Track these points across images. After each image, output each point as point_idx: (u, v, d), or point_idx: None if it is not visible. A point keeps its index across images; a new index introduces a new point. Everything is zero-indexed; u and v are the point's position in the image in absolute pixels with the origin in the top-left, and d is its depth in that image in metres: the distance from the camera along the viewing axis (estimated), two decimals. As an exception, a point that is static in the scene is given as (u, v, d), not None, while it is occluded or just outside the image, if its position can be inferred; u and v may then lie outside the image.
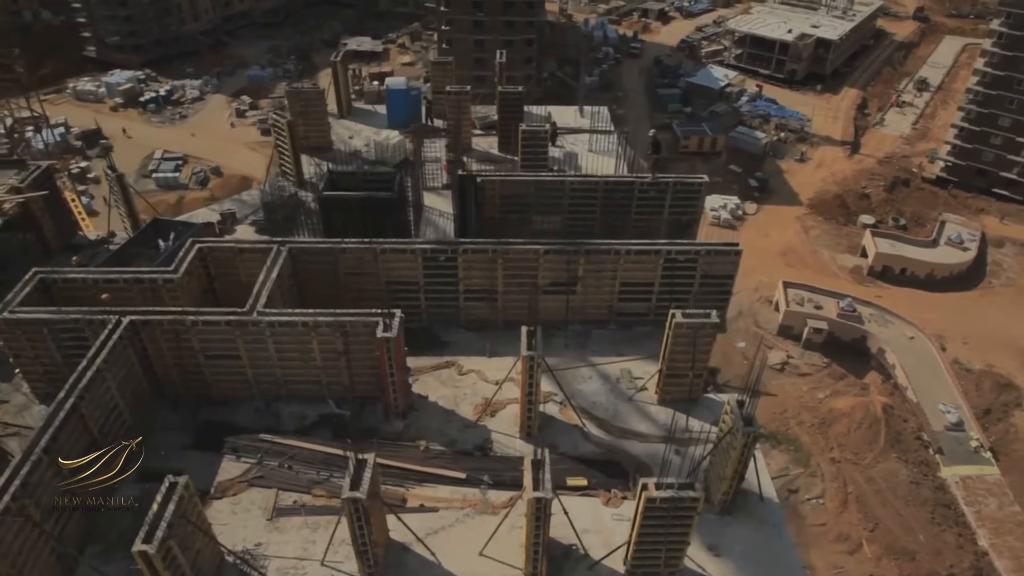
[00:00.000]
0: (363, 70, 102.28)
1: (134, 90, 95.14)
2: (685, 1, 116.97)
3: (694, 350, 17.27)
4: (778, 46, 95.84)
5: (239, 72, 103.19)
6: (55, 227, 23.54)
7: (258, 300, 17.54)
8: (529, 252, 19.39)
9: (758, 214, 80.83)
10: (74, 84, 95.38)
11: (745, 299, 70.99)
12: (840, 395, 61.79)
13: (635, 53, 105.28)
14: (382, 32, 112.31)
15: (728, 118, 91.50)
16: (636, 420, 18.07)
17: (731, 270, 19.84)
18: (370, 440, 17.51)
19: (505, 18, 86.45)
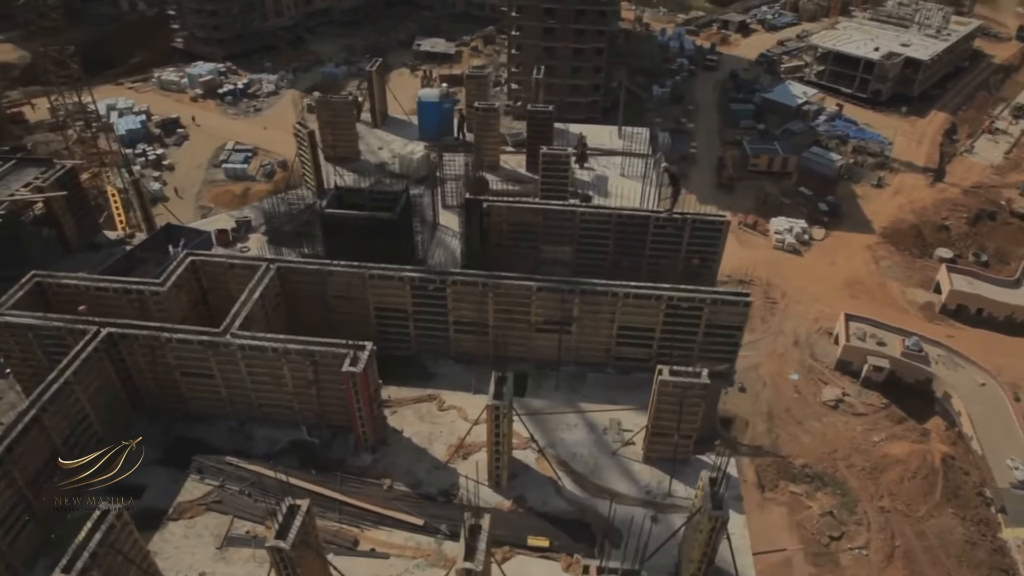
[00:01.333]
0: (434, 72, 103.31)
1: (214, 82, 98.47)
2: (768, 14, 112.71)
3: (681, 410, 15.96)
4: (863, 64, 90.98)
5: (314, 69, 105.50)
6: (76, 226, 24.01)
7: (234, 321, 17.24)
8: (521, 288, 18.45)
9: (825, 240, 77.08)
10: (159, 74, 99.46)
11: (803, 329, 67.77)
12: (897, 440, 58.06)
13: (711, 65, 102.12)
14: (457, 35, 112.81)
15: (803, 137, 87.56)
16: (616, 478, 16.88)
17: (739, 321, 18.37)
18: (334, 473, 17.02)
19: (576, 26, 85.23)
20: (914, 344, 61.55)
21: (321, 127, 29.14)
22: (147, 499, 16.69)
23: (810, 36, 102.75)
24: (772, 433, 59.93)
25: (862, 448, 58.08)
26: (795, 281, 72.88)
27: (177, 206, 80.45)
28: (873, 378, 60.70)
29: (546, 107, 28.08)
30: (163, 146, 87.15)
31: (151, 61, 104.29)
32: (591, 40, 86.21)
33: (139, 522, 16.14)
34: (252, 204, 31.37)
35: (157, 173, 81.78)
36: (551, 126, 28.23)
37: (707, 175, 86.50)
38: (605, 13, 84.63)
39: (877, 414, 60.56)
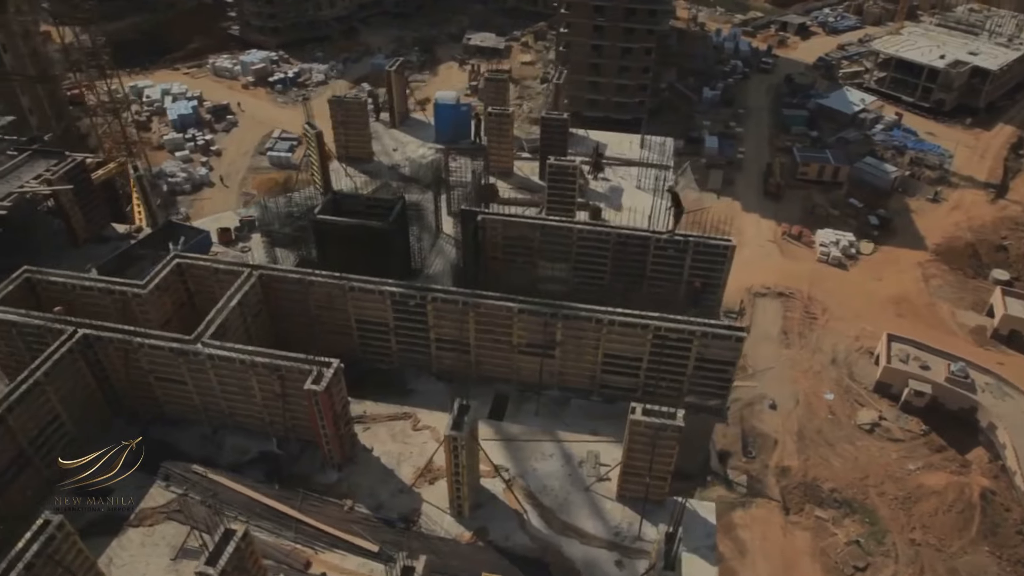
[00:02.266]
0: (481, 66, 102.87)
1: (266, 70, 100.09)
2: (830, 16, 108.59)
3: (653, 451, 15.09)
4: (926, 72, 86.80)
5: (364, 59, 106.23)
6: (84, 219, 24.30)
7: (208, 329, 17.06)
8: (502, 309, 17.79)
9: (874, 255, 74.10)
10: (214, 60, 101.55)
11: (842, 346, 65.30)
12: (934, 470, 55.43)
13: (766, 68, 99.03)
14: (507, 30, 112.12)
15: (857, 146, 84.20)
16: (585, 516, 16.13)
17: (732, 357, 17.34)
18: (297, 489, 16.72)
19: (626, 24, 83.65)
20: (960, 369, 58.61)
21: (334, 127, 28.92)
22: (112, 502, 16.65)
23: (873, 41, 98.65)
24: (802, 454, 57.95)
25: (896, 476, 55.65)
26: (838, 296, 70.25)
27: (221, 192, 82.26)
28: (914, 403, 58.04)
29: (561, 114, 27.22)
30: (212, 132, 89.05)
31: (207, 48, 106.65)
32: (640, 39, 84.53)
33: (102, 525, 16.27)
34: (257, 202, 31.41)
35: (205, 158, 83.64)
36: (566, 134, 27.37)
37: (754, 182, 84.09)
38: (655, 12, 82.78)
39: (915, 441, 57.96)
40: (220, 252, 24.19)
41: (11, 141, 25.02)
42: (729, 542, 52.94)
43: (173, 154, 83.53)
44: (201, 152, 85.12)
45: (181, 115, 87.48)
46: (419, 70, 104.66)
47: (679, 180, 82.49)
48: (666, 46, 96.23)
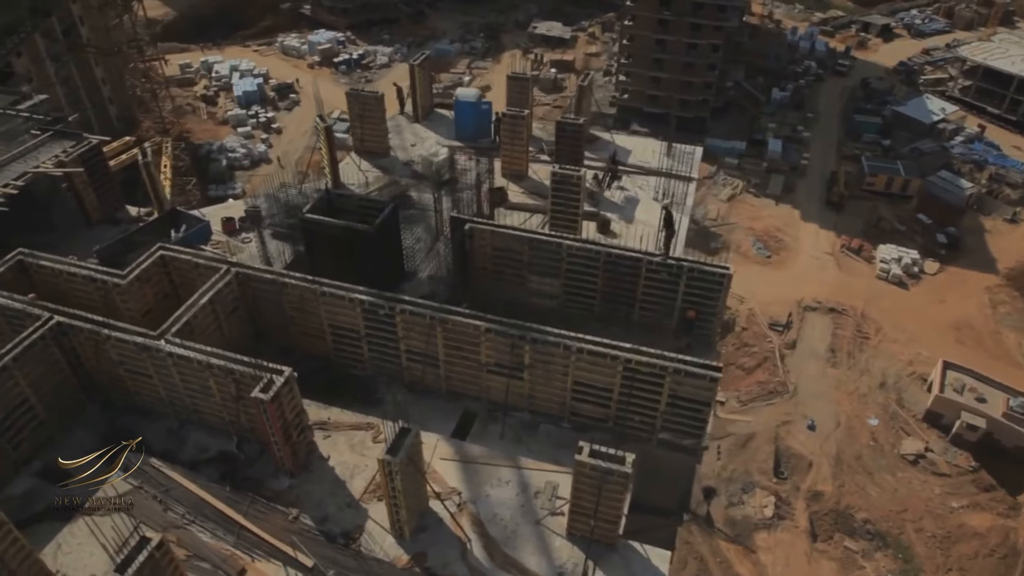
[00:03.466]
0: (545, 56, 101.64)
1: (332, 50, 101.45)
2: (917, 18, 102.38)
3: (599, 494, 14.30)
4: (1016, 83, 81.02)
5: (429, 44, 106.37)
6: (97, 200, 24.85)
7: (173, 325, 17.10)
8: (469, 327, 17.20)
9: (938, 275, 69.98)
10: (283, 39, 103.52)
11: (893, 370, 62.09)
12: (979, 510, 52.18)
13: (842, 71, 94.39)
14: (576, 19, 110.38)
15: (932, 158, 79.46)
16: (530, 551, 15.47)
17: (706, 397, 16.29)
18: (247, 493, 16.63)
19: (693, 19, 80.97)
20: (1021, 405, 54.82)
21: (352, 120, 28.75)
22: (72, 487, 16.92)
23: (960, 47, 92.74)
24: (837, 480, 55.53)
25: (937, 512, 52.67)
26: (894, 317, 66.80)
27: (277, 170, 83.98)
28: (965, 436, 54.67)
29: (576, 119, 26.23)
30: (275, 109, 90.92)
31: (278, 26, 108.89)
32: (707, 35, 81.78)
33: (57, 511, 16.57)
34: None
35: (265, 135, 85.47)
36: (581, 139, 26.39)
37: (816, 190, 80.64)
38: (725, 8, 79.82)
39: (962, 477, 54.69)
40: (222, 242, 24.35)
41: (36, 121, 25.73)
42: (749, 564, 51.25)
43: (235, 130, 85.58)
44: (262, 129, 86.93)
45: (246, 92, 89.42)
46: (482, 57, 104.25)
47: (717, 186, 79.78)
48: (736, 43, 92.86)
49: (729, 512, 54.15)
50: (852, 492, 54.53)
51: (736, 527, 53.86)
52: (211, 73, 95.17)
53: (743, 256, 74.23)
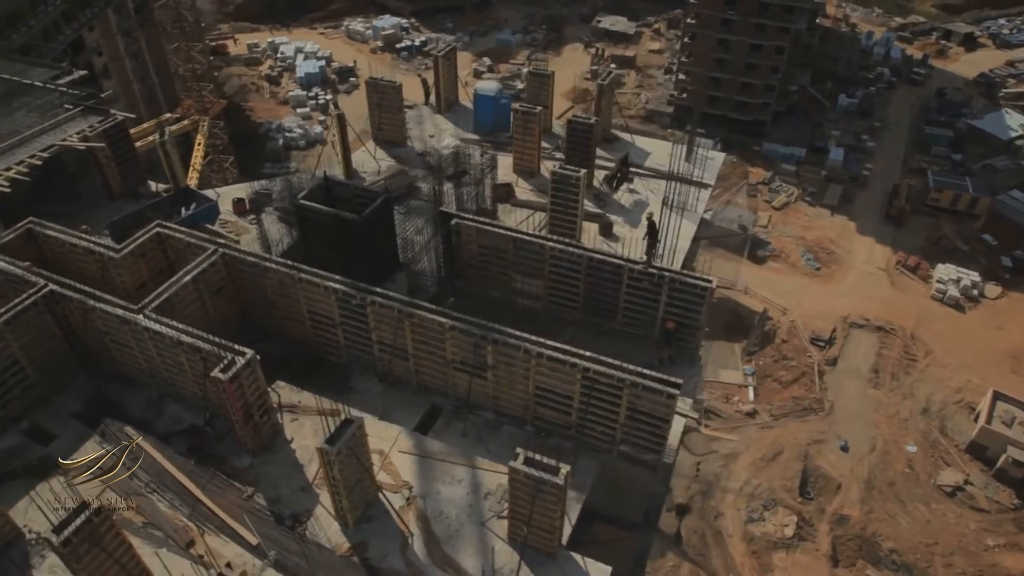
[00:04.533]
0: (606, 51, 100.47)
1: (395, 36, 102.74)
2: (1005, 28, 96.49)
3: (533, 503, 14.19)
4: (1107, 101, 75.88)
5: (491, 34, 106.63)
6: (120, 175, 25.92)
7: (154, 300, 17.74)
8: (434, 323, 17.26)
9: (999, 300, 66.44)
10: (348, 23, 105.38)
11: (939, 396, 59.36)
12: (1017, 551, 49.54)
13: (916, 79, 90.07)
14: (642, 15, 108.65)
15: (1005, 177, 75.23)
16: (469, 552, 15.48)
17: (664, 413, 15.92)
18: (209, 468, 17.17)
19: (757, 20, 78.62)
20: (1073, 446, 51.74)
21: (370, 108, 29.11)
22: (53, 447, 17.84)
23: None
24: (865, 505, 53.65)
25: (970, 549, 50.28)
26: (947, 340, 63.83)
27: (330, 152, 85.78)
28: (1010, 472, 51.96)
29: (588, 118, 25.85)
30: (335, 92, 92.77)
31: (345, 10, 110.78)
32: (772, 37, 79.38)
33: (37, 468, 17.49)
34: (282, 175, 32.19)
35: (323, 117, 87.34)
36: (592, 138, 26.00)
37: (876, 203, 77.59)
38: (793, 10, 77.23)
39: (1002, 514, 52.01)
40: (230, 222, 25.07)
41: (72, 95, 26.98)
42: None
43: (295, 110, 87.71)
44: (321, 111, 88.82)
45: (308, 73, 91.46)
46: (543, 49, 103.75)
47: (738, 194, 77.21)
48: (806, 46, 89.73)
49: (748, 528, 52.88)
50: (881, 519, 52.53)
51: (754, 543, 52.57)
52: (276, 54, 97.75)
53: (791, 266, 72.07)
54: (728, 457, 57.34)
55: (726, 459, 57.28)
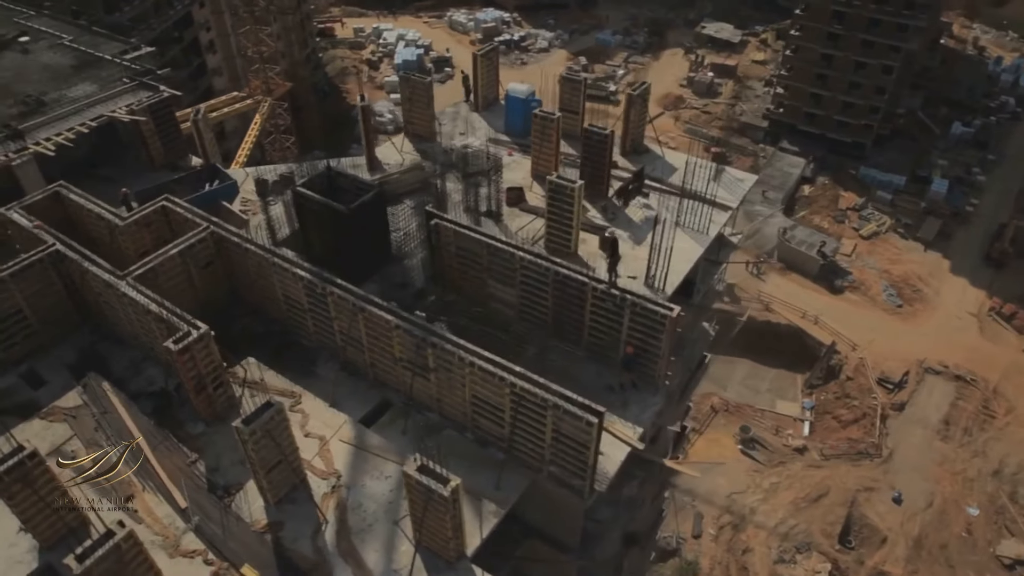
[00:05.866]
0: (706, 58, 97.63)
1: (495, 29, 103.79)
2: None
3: (424, 510, 14.34)
4: None
5: (592, 33, 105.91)
6: (162, 147, 27.78)
7: (137, 269, 19.04)
8: (382, 319, 17.64)
9: (1099, 362, 60.46)
10: (452, 13, 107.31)
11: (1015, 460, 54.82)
12: (1075, 643, 45.20)
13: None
14: (751, 23, 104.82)
15: None
16: (374, 548, 15.79)
17: (585, 440, 15.64)
18: (165, 431, 18.30)
19: (866, 36, 74.34)
20: None
21: (402, 102, 29.76)
22: (41, 392, 19.53)
23: None
24: (911, 564, 50.49)
25: (1020, 631, 46.36)
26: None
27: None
28: (1082, 554, 47.36)
29: (603, 129, 25.39)
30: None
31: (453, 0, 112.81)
32: (880, 55, 75.02)
33: (22, 408, 19.21)
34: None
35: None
36: (608, 149, 25.53)
37: (976, 242, 72.20)
38: (907, 28, 72.56)
39: (1065, 600, 47.56)
40: (251, 201, 26.36)
41: (129, 69, 29.12)
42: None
43: (388, 95, 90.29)
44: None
45: (406, 60, 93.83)
46: (642, 52, 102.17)
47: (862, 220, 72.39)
48: (922, 68, 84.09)
49: (776, 568, 50.71)
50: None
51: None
52: (379, 39, 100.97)
53: (870, 300, 68.16)
54: (768, 491, 55.12)
55: (766, 493, 55.08)
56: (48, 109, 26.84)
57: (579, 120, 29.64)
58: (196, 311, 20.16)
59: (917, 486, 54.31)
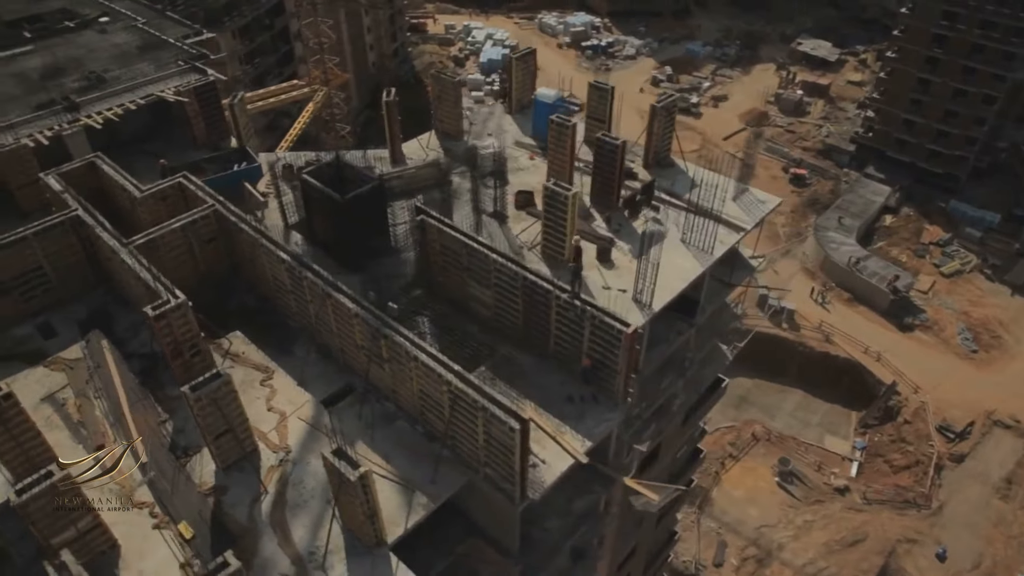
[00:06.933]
0: (798, 75, 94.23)
1: (584, 34, 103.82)
2: None
3: (338, 493, 14.90)
4: None
5: (682, 43, 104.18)
6: (205, 128, 29.62)
7: (140, 239, 20.53)
8: (345, 306, 18.34)
9: None
10: (543, 16, 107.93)
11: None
12: None
13: None
14: (851, 42, 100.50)
15: None
16: (303, 524, 16.42)
17: (510, 445, 15.81)
18: (147, 390, 19.69)
19: (968, 63, 69.94)
20: None
21: (433, 100, 30.51)
22: (51, 342, 21.37)
23: None
24: (944, 624, 47.52)
25: None
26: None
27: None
28: None
29: (615, 139, 25.22)
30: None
31: (547, 3, 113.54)
32: (982, 83, 70.68)
33: (31, 355, 21.09)
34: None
35: (492, 102, 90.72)
36: (619, 159, 25.34)
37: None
38: (1013, 56, 67.90)
39: None
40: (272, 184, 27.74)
41: (184, 53, 31.18)
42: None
43: (470, 92, 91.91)
44: (493, 97, 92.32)
45: (490, 59, 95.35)
46: (732, 65, 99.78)
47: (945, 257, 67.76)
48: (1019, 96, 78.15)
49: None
50: (956, 645, 46.35)
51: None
52: (468, 37, 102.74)
53: (942, 342, 64.31)
54: (800, 529, 53.08)
55: (798, 531, 53.06)
56: (106, 85, 29.11)
57: (607, 128, 29.52)
58: (196, 283, 21.73)
59: (966, 544, 50.96)
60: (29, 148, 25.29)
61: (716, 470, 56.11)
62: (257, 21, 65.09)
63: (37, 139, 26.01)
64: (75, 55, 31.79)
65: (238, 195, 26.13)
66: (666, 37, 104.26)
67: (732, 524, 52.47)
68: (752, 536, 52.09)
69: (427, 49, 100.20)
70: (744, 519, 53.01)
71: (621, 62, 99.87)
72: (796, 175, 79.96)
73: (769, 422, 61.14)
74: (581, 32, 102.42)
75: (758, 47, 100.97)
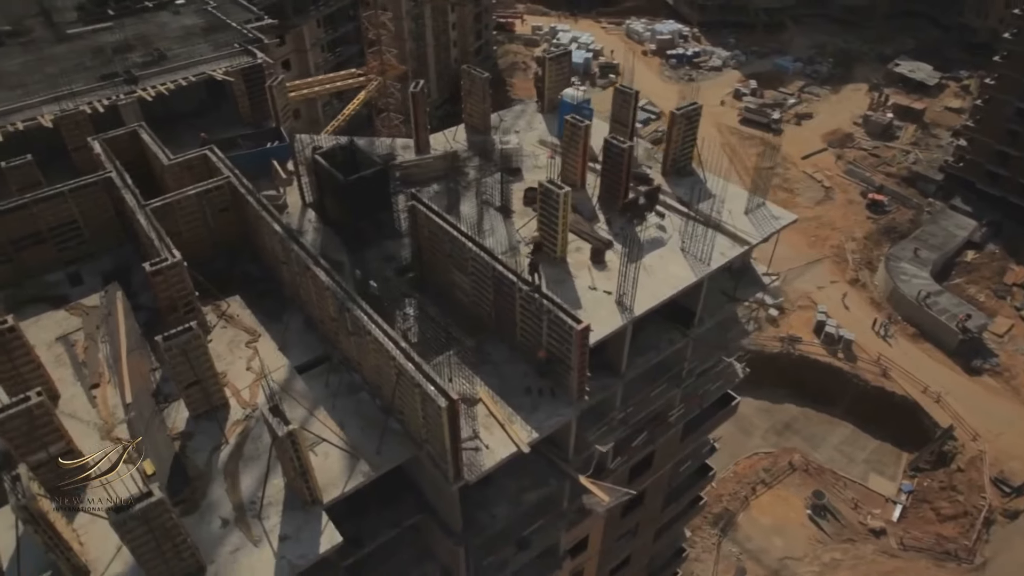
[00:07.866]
0: (891, 97, 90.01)
1: (671, 42, 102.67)
2: None
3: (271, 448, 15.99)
4: None
5: (771, 57, 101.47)
6: (250, 107, 31.67)
7: (157, 202, 22.40)
8: (319, 280, 19.47)
9: None
10: (630, 22, 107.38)
11: None
12: None
13: None
14: (955, 67, 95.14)
15: None
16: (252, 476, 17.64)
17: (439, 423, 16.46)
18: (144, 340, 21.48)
19: (1076, 94, 65.12)
20: None
21: (463, 95, 31.46)
22: (76, 290, 23.60)
23: None
24: None
25: None
26: None
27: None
28: None
29: (622, 141, 25.38)
30: (592, 86, 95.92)
31: (636, 8, 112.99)
32: (1088, 118, 65.59)
33: (57, 300, 23.36)
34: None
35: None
36: (627, 163, 25.50)
37: None
38: None
39: None
40: (302, 163, 29.38)
41: (241, 36, 33.38)
42: None
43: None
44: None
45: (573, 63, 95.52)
46: (821, 83, 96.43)
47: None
48: None
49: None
50: None
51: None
52: (554, 39, 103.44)
53: (1012, 390, 60.48)
54: (826, 566, 51.26)
55: (823, 568, 51.26)
56: (166, 62, 31.58)
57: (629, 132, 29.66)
58: (209, 248, 23.51)
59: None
60: (86, 114, 27.87)
61: (746, 494, 54.70)
62: (342, 12, 67.96)
63: (95, 107, 28.56)
64: (147, 32, 34.58)
65: (266, 172, 27.97)
66: (755, 50, 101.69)
67: (754, 551, 51.11)
68: (774, 567, 50.59)
69: (511, 48, 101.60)
70: (768, 548, 51.53)
71: (705, 73, 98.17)
72: (874, 201, 76.56)
73: (811, 453, 59.09)
74: (668, 40, 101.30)
75: (852, 66, 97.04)
